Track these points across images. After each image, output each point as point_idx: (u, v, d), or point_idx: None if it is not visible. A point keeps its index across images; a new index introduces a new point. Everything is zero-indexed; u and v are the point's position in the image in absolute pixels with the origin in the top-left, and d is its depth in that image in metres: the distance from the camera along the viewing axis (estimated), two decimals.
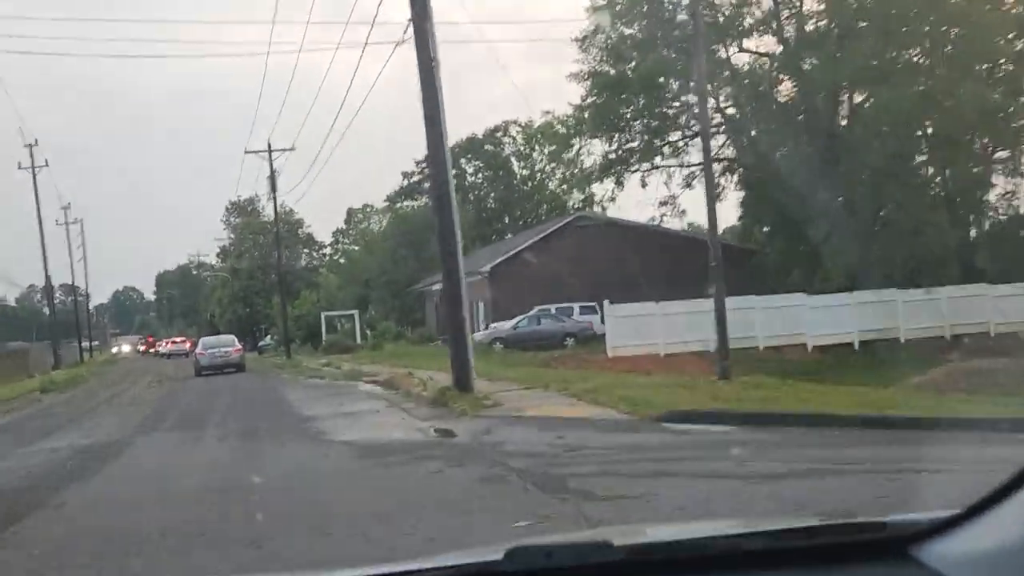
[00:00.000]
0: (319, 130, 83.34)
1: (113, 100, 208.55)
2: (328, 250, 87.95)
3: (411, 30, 16.92)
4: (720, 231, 49.74)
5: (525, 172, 79.69)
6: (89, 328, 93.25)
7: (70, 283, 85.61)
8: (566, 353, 33.85)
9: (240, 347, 40.45)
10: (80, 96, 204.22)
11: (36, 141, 58.85)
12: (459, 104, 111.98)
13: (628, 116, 41.64)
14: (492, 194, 77.63)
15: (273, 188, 49.02)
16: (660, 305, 33.85)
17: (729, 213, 47.65)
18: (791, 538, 1.92)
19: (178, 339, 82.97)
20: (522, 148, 79.87)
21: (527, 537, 3.94)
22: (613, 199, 43.89)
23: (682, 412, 12.44)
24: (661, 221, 44.12)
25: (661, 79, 40.34)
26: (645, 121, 41.85)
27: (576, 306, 40.88)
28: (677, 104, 42.04)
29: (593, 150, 43.78)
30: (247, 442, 13.36)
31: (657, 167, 42.98)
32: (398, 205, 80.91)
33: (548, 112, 46.99)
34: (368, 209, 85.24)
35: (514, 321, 38.75)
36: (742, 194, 44.22)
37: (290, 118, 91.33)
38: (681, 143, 42.62)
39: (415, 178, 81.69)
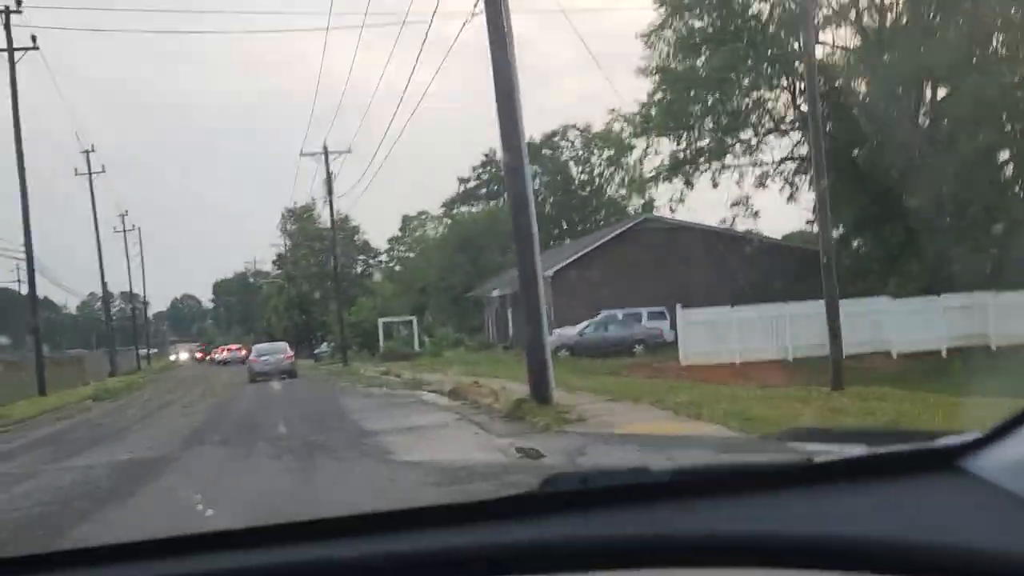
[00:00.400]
0: (375, 134, 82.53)
1: (171, 108, 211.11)
2: (384, 257, 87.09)
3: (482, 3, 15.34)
4: (786, 233, 47.66)
5: (583, 177, 78.06)
6: (147, 335, 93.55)
7: (129, 291, 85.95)
8: (637, 361, 32.04)
9: (291, 354, 41.84)
10: (140, 104, 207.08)
11: (92, 147, 58.82)
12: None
13: (697, 113, 39.63)
14: (550, 199, 76.10)
15: (330, 191, 48.17)
16: (735, 310, 32.06)
17: (798, 215, 45.48)
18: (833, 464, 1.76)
19: (234, 347, 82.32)
20: (581, 152, 78.30)
21: None
22: (682, 200, 41.74)
23: (806, 429, 10.60)
24: (733, 223, 42.03)
25: (732, 74, 38.40)
26: (716, 118, 39.80)
27: (644, 311, 39.01)
28: (749, 100, 40.01)
29: (659, 150, 41.86)
30: (302, 461, 11.76)
31: (728, 166, 40.95)
32: (454, 211, 79.72)
33: (614, 110, 44.90)
34: (423, 216, 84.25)
35: (581, 327, 37.00)
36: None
37: (347, 123, 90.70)
38: (754, 141, 40.56)
39: (471, 184, 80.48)
